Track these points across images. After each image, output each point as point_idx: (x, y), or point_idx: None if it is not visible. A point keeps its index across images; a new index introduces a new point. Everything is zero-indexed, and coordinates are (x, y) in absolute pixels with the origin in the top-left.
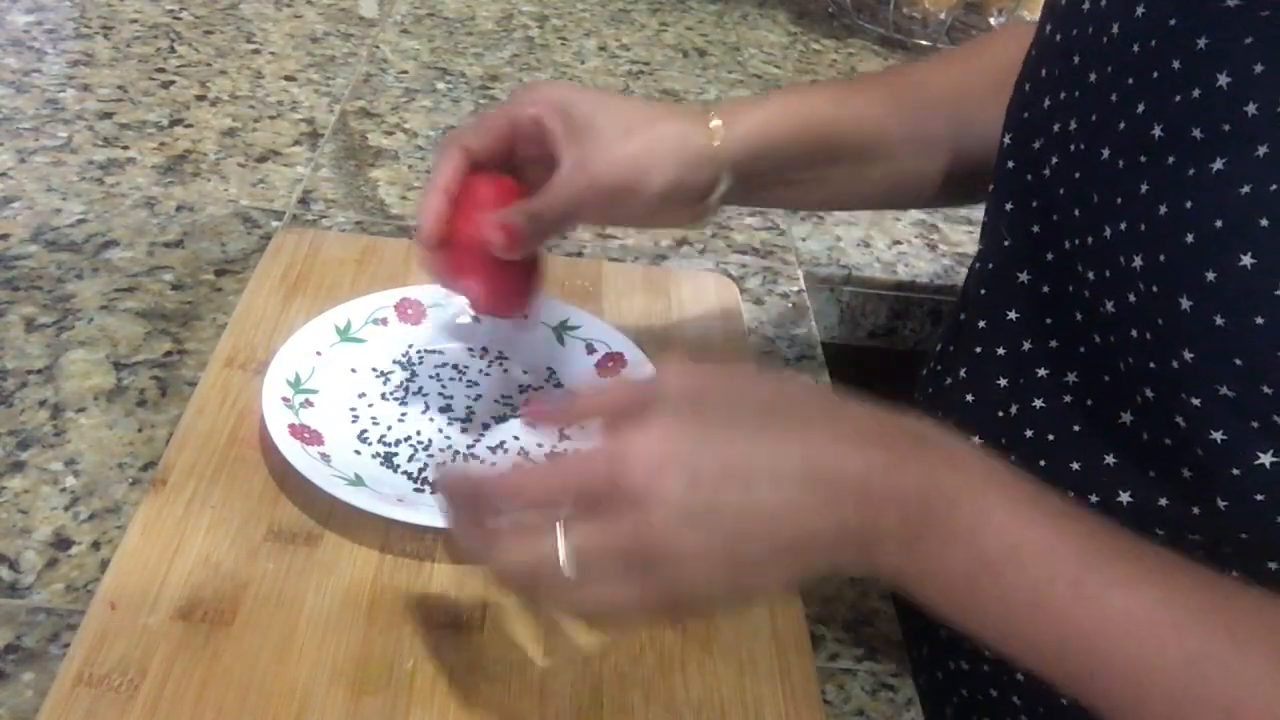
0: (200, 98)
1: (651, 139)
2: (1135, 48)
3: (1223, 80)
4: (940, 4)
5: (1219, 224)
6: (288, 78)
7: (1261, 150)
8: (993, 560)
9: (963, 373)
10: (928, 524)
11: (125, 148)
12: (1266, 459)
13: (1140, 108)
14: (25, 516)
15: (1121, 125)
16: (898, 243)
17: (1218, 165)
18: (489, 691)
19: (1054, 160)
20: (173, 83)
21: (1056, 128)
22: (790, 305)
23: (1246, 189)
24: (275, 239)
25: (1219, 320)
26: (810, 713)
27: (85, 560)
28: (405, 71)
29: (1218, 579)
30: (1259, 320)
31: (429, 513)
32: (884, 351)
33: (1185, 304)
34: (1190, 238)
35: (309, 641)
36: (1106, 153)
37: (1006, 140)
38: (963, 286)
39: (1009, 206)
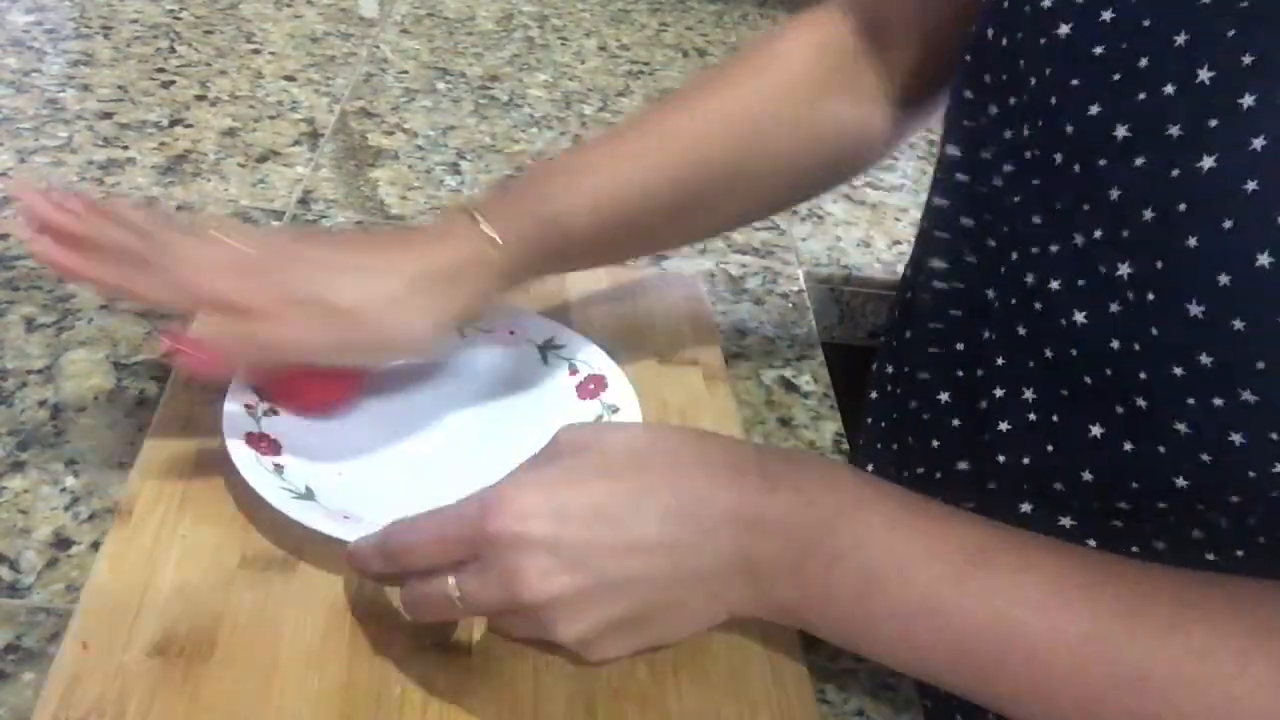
0: (200, 98)
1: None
2: (1098, 50)
3: (1204, 75)
4: None
5: (1228, 225)
6: (288, 78)
7: (1258, 143)
8: (879, 574)
9: (945, 397)
10: (809, 548)
11: (125, 148)
12: None
13: (1094, 109)
14: (25, 516)
15: (1069, 128)
16: (897, 243)
17: (1208, 163)
18: (481, 713)
19: (1006, 168)
20: (173, 83)
21: (1008, 134)
22: (790, 305)
23: (1253, 185)
24: None
25: (1237, 324)
26: (805, 715)
27: (85, 560)
28: (405, 71)
29: (1102, 555)
30: None
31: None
32: None
33: (1195, 310)
34: (1193, 241)
35: (292, 672)
36: (1060, 158)
37: (954, 152)
38: (906, 300)
39: (969, 223)
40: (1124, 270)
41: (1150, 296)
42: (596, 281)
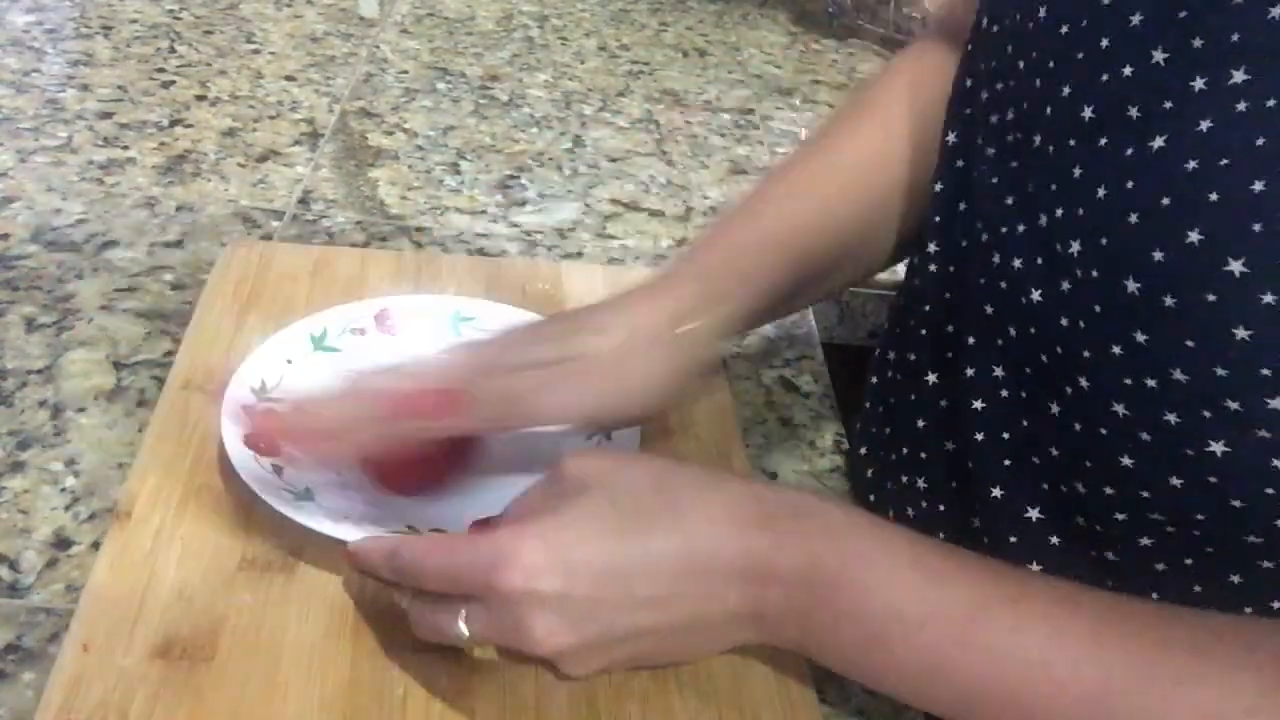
0: (200, 98)
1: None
2: (1063, 29)
3: (1159, 56)
4: (940, 4)
5: (1165, 201)
6: (288, 78)
7: (1205, 125)
8: (880, 633)
9: (933, 378)
10: (814, 602)
11: (125, 148)
12: (1218, 448)
13: (1066, 90)
14: (25, 516)
15: (1049, 110)
16: None
17: (1158, 143)
18: (484, 713)
19: (989, 152)
20: (173, 83)
21: (994, 119)
22: None
23: (1192, 164)
24: (224, 253)
25: (1169, 301)
26: (806, 715)
27: (85, 560)
28: (405, 71)
29: (1111, 600)
30: (1210, 298)
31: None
32: None
33: (1132, 286)
34: (1134, 218)
35: (294, 674)
36: (1039, 139)
37: (952, 139)
38: (912, 287)
39: (962, 207)
40: (1075, 248)
41: (1095, 273)
42: (596, 282)
